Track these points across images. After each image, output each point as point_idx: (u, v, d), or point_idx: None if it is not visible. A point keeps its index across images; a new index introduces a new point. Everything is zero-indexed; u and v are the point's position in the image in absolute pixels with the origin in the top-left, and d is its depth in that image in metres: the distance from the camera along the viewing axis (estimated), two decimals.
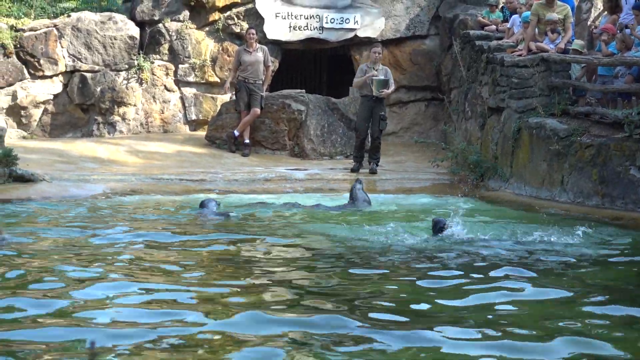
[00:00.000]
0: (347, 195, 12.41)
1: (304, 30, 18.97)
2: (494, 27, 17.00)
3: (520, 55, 14.10)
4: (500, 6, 17.75)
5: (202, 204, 10.96)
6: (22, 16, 19.22)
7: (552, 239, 8.76)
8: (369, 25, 19.05)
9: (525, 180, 13.09)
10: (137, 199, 12.10)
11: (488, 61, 15.11)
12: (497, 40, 15.82)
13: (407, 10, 19.21)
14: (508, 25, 16.24)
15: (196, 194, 12.49)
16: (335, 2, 19.04)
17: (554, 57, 13.67)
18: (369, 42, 19.03)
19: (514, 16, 16.14)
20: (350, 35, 19.10)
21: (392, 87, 15.96)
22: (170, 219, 10.36)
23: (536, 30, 14.32)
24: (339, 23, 18.96)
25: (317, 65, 21.71)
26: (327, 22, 18.91)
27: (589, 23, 17.09)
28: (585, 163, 11.81)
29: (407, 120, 19.38)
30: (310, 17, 18.93)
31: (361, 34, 19.07)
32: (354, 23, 18.97)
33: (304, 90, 17.82)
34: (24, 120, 18.26)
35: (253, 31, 17.05)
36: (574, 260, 7.66)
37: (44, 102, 18.35)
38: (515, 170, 13.45)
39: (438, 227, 9.22)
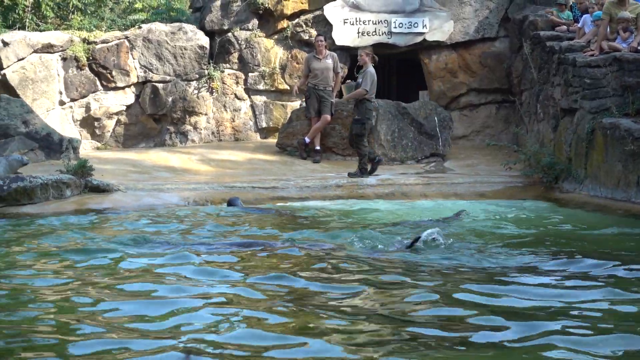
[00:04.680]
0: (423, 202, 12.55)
1: (373, 35, 18.96)
2: (564, 27, 16.79)
3: (592, 55, 13.91)
4: (569, 5, 17.56)
5: (231, 203, 11.92)
6: (94, 29, 19.51)
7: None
8: (438, 28, 18.97)
9: (600, 181, 12.86)
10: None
11: (559, 62, 14.92)
12: (568, 41, 15.59)
13: (476, 13, 19.09)
14: (579, 25, 16.03)
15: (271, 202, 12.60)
16: (404, 7, 19.00)
17: (626, 56, 13.45)
18: (437, 45, 19.00)
19: (585, 16, 15.92)
20: (419, 39, 19.04)
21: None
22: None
23: (608, 29, 14.13)
24: (408, 27, 18.91)
25: (386, 70, 21.67)
26: (395, 27, 18.87)
27: None
28: None
29: (478, 123, 19.25)
30: (379, 22, 18.92)
31: (430, 37, 19.00)
32: (423, 27, 18.90)
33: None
34: (97, 131, 18.54)
35: (321, 38, 17.10)
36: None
37: (116, 113, 18.61)
38: (589, 172, 13.21)
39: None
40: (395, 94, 20.49)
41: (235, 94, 19.14)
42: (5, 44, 17.86)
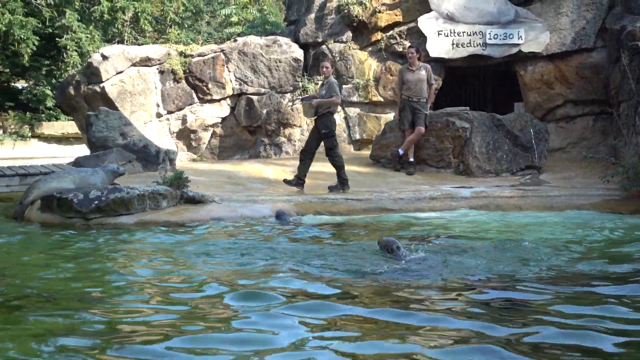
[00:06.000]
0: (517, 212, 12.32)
1: (467, 47, 18.84)
2: None
3: None
4: None
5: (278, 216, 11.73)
6: (191, 42, 19.83)
7: None
8: (533, 40, 18.76)
9: None
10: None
11: None
12: None
13: (573, 24, 18.82)
14: None
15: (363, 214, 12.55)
16: (499, 18, 18.84)
17: None
18: (533, 56, 18.79)
19: None
20: (514, 50, 18.85)
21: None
22: None
23: None
24: (503, 39, 18.74)
25: (480, 81, 21.51)
26: (490, 38, 18.73)
27: None
28: None
29: (574, 135, 18.95)
30: (473, 34, 18.80)
31: (525, 49, 18.80)
32: (518, 38, 18.72)
33: (468, 108, 17.69)
34: (193, 143, 18.79)
35: (413, 50, 17.00)
36: None
37: (212, 125, 18.83)
38: None
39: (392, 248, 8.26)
40: (490, 106, 20.32)
41: None
42: (105, 57, 18.25)
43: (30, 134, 32.91)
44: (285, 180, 14.76)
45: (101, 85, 18.19)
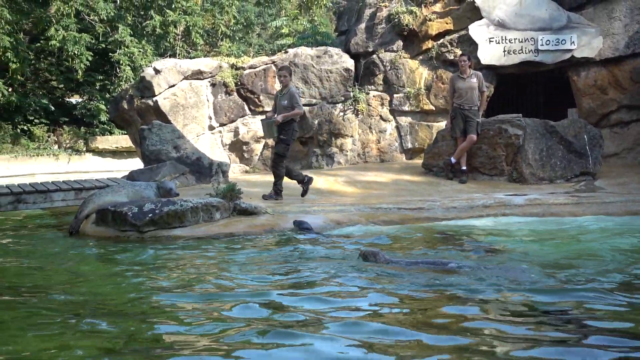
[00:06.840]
0: (572, 219, 12.19)
1: (519, 53, 18.73)
2: None
3: None
4: None
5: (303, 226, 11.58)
6: (242, 54, 19.94)
7: None
8: (586, 45, 18.59)
9: None
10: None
11: None
12: None
13: (626, 28, 18.61)
14: None
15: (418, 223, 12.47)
16: (550, 24, 18.71)
17: None
18: (586, 62, 18.61)
19: None
20: (567, 56, 18.69)
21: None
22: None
23: None
24: (555, 44, 18.60)
25: (533, 88, 21.36)
26: (542, 45, 18.60)
27: None
28: None
29: (629, 141, 18.73)
30: (525, 40, 18.69)
31: (578, 54, 18.63)
32: (570, 44, 18.56)
33: (520, 115, 17.55)
34: (245, 155, 18.87)
35: (464, 57, 16.94)
36: None
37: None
38: None
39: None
40: (543, 112, 20.16)
41: (380, 116, 19.21)
42: (157, 71, 18.41)
43: (84, 149, 33.38)
44: (264, 196, 14.45)
45: (154, 99, 18.35)
